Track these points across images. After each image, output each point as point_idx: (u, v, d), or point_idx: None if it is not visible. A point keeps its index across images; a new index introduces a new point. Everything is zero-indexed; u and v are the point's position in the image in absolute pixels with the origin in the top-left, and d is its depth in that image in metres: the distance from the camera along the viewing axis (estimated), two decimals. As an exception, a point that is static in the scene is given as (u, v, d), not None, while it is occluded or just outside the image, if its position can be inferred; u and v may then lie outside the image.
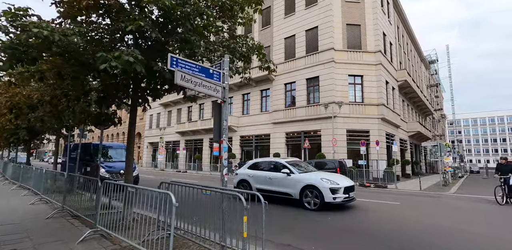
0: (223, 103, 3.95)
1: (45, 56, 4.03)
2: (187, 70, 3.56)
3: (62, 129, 11.52)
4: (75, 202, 6.75)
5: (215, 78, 3.90)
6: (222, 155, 3.78)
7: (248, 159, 26.37)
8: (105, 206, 6.96)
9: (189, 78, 3.52)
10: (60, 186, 8.64)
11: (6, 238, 4.61)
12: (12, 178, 13.06)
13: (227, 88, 3.93)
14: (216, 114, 3.89)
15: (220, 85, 3.85)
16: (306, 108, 21.16)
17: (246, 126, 25.82)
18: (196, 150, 31.88)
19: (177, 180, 17.12)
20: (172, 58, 3.36)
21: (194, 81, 3.57)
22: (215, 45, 4.92)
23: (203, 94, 4.07)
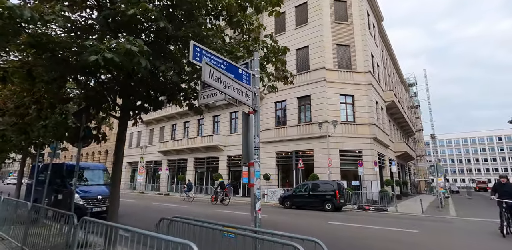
0: (253, 113, 3.06)
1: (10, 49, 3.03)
2: (215, 65, 2.68)
3: (29, 146, 9.96)
4: (39, 238, 5.33)
5: (244, 81, 3.04)
6: (254, 183, 2.82)
7: (236, 180, 24.98)
8: (80, 244, 5.58)
9: (219, 76, 2.64)
10: (21, 215, 7.07)
11: None
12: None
13: (258, 95, 3.06)
14: (244, 128, 2.98)
15: (251, 90, 2.98)
16: (298, 128, 20.58)
17: (234, 145, 24.71)
18: (179, 170, 30.00)
19: (164, 205, 15.39)
20: (196, 48, 2.47)
21: (224, 81, 2.70)
22: (234, 45, 4.11)
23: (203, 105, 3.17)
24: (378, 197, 17.71)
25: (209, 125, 27.63)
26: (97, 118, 5.74)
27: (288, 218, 11.35)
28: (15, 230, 6.65)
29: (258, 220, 2.84)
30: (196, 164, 28.20)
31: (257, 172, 2.87)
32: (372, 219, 11.28)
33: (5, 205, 6.99)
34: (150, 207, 14.60)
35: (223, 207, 15.37)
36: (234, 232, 2.83)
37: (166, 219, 3.60)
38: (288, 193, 16.14)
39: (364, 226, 9.41)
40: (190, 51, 2.35)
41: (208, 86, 3.71)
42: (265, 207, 15.83)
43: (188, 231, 3.25)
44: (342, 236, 7.55)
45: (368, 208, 14.98)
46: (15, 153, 13.08)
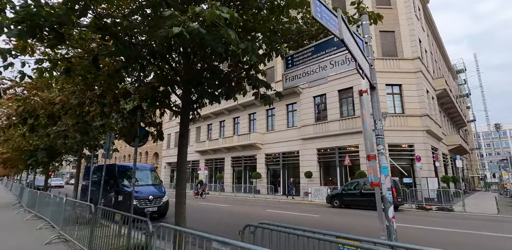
0: (366, 92, 2.40)
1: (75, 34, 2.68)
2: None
3: (84, 148, 10.20)
4: (101, 241, 5.16)
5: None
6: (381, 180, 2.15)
7: (275, 178, 24.40)
8: (140, 248, 5.34)
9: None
10: (82, 216, 7.12)
11: None
12: (28, 206, 11.65)
13: (374, 67, 2.37)
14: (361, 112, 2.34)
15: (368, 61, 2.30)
16: (340, 122, 19.41)
17: (272, 143, 24.14)
18: (217, 169, 30.17)
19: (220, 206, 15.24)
20: (316, 2, 1.83)
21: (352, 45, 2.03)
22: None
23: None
24: (437, 195, 16.07)
25: (245, 123, 27.35)
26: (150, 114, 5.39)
27: (343, 219, 10.48)
28: (77, 231, 6.66)
29: (394, 230, 2.16)
30: (233, 163, 28.10)
31: (384, 167, 2.20)
32: (441, 221, 10.02)
33: (67, 206, 7.06)
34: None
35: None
36: (356, 246, 2.17)
37: (252, 225, 3.04)
38: (337, 191, 15.17)
39: (441, 229, 8.29)
40: (311, 6, 1.74)
41: (293, 66, 3.10)
42: (311, 206, 15.04)
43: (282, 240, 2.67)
44: (430, 242, 6.57)
45: (430, 207, 13.52)
46: (71, 155, 13.69)
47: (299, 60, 3.07)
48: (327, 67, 2.82)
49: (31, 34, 2.29)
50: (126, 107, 5.71)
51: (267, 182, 24.11)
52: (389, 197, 2.22)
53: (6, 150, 12.29)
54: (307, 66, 2.97)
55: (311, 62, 2.95)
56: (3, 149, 12.41)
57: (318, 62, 2.89)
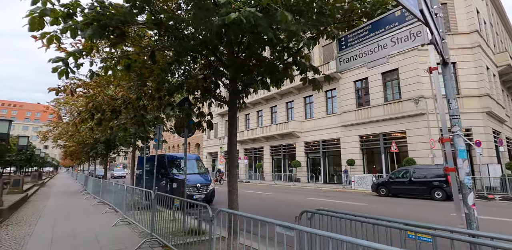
0: (436, 69, 2.18)
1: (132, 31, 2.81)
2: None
3: (137, 140, 11.04)
4: (159, 224, 5.61)
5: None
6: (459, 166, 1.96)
7: (315, 166, 24.12)
8: (194, 232, 5.70)
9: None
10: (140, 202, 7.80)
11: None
12: (93, 193, 13.07)
13: (446, 41, 2.13)
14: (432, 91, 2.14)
15: (439, 34, 2.07)
16: (384, 107, 18.29)
17: (311, 131, 23.72)
18: (256, 158, 30.69)
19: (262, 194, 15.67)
20: None
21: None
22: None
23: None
24: (500, 183, 14.53)
25: (282, 112, 27.17)
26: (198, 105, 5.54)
27: (393, 208, 10.03)
28: (138, 215, 7.31)
29: (475, 219, 1.98)
30: (272, 152, 28.31)
31: (461, 150, 2.00)
32: (509, 212, 9.08)
33: (129, 193, 7.76)
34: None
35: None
36: (432, 234, 2.03)
37: (309, 211, 3.03)
38: (383, 179, 14.51)
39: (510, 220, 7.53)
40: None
41: (348, 47, 2.93)
42: (355, 195, 14.63)
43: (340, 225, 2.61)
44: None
45: (492, 196, 12.31)
46: (125, 146, 14.95)
47: (354, 40, 2.88)
48: (388, 45, 2.60)
49: (101, 34, 2.48)
50: (176, 100, 5.95)
51: (307, 170, 23.95)
52: (468, 182, 2.01)
53: (72, 143, 13.85)
54: (364, 46, 2.77)
55: (368, 42, 2.75)
56: (69, 142, 14.01)
57: (376, 41, 2.68)
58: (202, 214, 6.06)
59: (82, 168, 46.24)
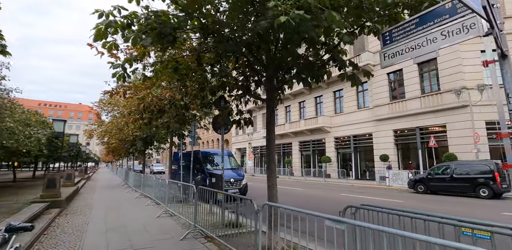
0: (493, 62, 2.11)
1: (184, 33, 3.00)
2: None
3: (173, 137, 11.60)
4: (199, 217, 5.94)
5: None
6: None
7: (345, 162, 23.61)
8: (232, 224, 5.95)
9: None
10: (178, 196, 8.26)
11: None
12: (134, 186, 13.99)
13: (503, 32, 2.04)
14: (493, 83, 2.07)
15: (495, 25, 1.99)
16: (421, 99, 17.34)
17: (341, 126, 23.21)
18: (284, 154, 30.71)
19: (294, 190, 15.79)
20: None
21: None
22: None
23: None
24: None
25: (311, 107, 26.83)
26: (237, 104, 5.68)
27: (435, 205, 9.59)
28: (180, 208, 7.76)
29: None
30: (301, 147, 28.14)
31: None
32: None
33: (170, 187, 8.25)
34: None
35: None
36: (491, 231, 2.00)
37: (353, 206, 3.06)
38: (421, 175, 13.88)
39: None
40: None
41: (393, 42, 2.89)
42: (390, 192, 14.17)
43: (393, 224, 2.61)
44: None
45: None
46: (161, 143, 15.78)
47: (400, 35, 2.82)
48: (438, 39, 2.53)
49: (158, 41, 2.70)
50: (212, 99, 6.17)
51: (338, 166, 23.54)
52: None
53: (115, 140, 14.92)
54: (411, 41, 2.71)
55: (415, 36, 2.68)
56: (112, 139, 15.10)
57: (425, 34, 2.61)
58: (240, 208, 6.36)
59: (120, 163, 49.37)
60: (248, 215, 5.79)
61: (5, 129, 7.34)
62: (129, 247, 4.75)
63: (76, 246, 4.83)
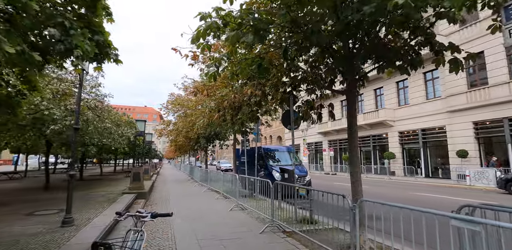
0: None
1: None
2: None
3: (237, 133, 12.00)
4: (272, 211, 6.01)
5: None
6: None
7: (411, 159, 21.61)
8: (306, 220, 5.89)
9: None
10: (245, 190, 8.53)
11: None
12: (201, 181, 14.94)
13: None
14: None
15: None
16: (510, 85, 14.84)
17: (406, 119, 21.27)
18: (341, 150, 29.47)
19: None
20: None
21: None
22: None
23: None
24: None
25: (370, 100, 25.18)
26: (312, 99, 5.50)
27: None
28: (251, 202, 8.01)
29: None
30: (360, 143, 26.62)
31: None
32: None
33: (239, 182, 8.56)
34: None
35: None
36: None
37: (470, 206, 2.72)
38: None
39: None
40: None
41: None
42: (473, 192, 12.48)
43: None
44: None
45: None
46: (221, 140, 16.54)
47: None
48: None
49: (257, 38, 2.77)
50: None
51: (403, 163, 21.69)
52: None
53: (182, 138, 16.16)
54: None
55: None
56: (180, 137, 16.38)
57: None
58: (304, 204, 6.28)
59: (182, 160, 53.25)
60: (321, 212, 5.70)
61: (105, 128, 8.59)
62: (215, 237, 5.03)
63: (169, 234, 5.31)
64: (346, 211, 3.93)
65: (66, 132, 6.98)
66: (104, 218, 5.53)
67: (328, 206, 4.43)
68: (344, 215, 4.24)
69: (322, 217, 5.30)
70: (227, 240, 4.85)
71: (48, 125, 6.92)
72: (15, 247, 3.90)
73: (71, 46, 2.24)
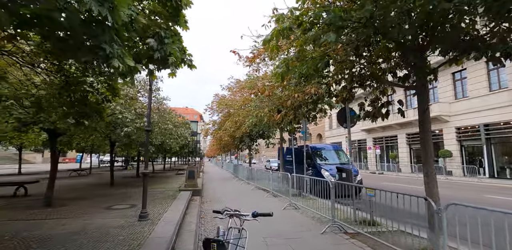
0: None
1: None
2: None
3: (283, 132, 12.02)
4: (339, 212, 5.88)
5: None
6: None
7: (472, 157, 19.58)
8: (366, 222, 5.66)
9: None
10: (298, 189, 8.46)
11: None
12: (247, 179, 15.21)
13: None
14: None
15: None
16: None
17: (464, 113, 19.36)
18: (388, 148, 27.88)
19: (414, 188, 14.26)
20: None
21: None
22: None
23: None
24: None
25: (421, 94, 23.35)
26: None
27: None
28: (303, 201, 7.96)
29: None
30: (409, 140, 24.95)
31: None
32: None
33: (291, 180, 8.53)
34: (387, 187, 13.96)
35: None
36: None
37: None
38: None
39: None
40: None
41: None
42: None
43: None
44: None
45: None
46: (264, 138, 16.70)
47: None
48: None
49: (338, 35, 2.75)
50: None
51: (462, 162, 19.80)
52: None
53: (226, 138, 16.67)
54: None
55: None
56: (225, 136, 16.92)
57: None
58: (358, 205, 6.02)
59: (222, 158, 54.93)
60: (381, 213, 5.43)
61: (166, 129, 9.27)
62: (278, 235, 5.09)
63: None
64: (418, 214, 3.69)
65: (136, 133, 7.68)
66: (172, 213, 5.92)
67: (393, 208, 4.22)
68: (415, 218, 4.00)
69: (385, 219, 5.06)
70: (290, 240, 4.88)
71: (121, 127, 7.68)
72: (108, 237, 4.38)
73: (166, 54, 2.43)
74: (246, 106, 11.97)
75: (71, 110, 3.93)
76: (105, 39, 1.74)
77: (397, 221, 4.34)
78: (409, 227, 4.36)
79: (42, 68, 4.05)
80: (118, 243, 4.01)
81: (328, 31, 2.64)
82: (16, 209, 7.02)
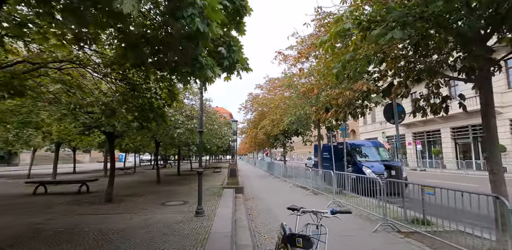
0: None
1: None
2: None
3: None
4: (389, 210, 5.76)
5: None
6: None
7: (531, 151, 17.80)
8: (418, 220, 5.48)
9: None
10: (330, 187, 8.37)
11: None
12: (284, 176, 15.29)
13: None
14: None
15: None
16: None
17: (520, 104, 17.64)
18: (429, 143, 26.30)
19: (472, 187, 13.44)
20: None
21: None
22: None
23: None
24: None
25: (467, 84, 21.65)
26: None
27: None
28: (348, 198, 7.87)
29: None
30: (454, 134, 23.32)
31: None
32: None
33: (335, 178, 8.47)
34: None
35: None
36: None
37: None
38: None
39: None
40: None
41: None
42: None
43: None
44: None
45: None
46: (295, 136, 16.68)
47: None
48: None
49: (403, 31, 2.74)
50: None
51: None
52: None
53: (261, 136, 16.92)
54: None
55: None
56: (260, 135, 17.18)
57: None
58: (407, 203, 5.80)
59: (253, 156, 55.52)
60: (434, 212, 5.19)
61: (212, 130, 9.75)
62: (332, 233, 5.13)
63: (278, 225, 5.63)
64: (479, 213, 3.50)
65: (186, 134, 8.20)
66: (223, 210, 6.23)
67: (450, 207, 4.05)
68: (476, 218, 3.81)
69: (438, 219, 4.86)
70: (345, 237, 4.90)
71: (173, 129, 8.25)
72: (173, 231, 4.77)
73: (234, 62, 2.61)
74: (282, 105, 12.03)
75: (138, 115, 4.33)
76: (200, 52, 1.93)
77: (454, 221, 4.18)
78: (469, 227, 4.15)
79: (110, 77, 4.49)
80: (185, 236, 4.34)
81: (392, 28, 2.63)
82: (81, 205, 7.81)
